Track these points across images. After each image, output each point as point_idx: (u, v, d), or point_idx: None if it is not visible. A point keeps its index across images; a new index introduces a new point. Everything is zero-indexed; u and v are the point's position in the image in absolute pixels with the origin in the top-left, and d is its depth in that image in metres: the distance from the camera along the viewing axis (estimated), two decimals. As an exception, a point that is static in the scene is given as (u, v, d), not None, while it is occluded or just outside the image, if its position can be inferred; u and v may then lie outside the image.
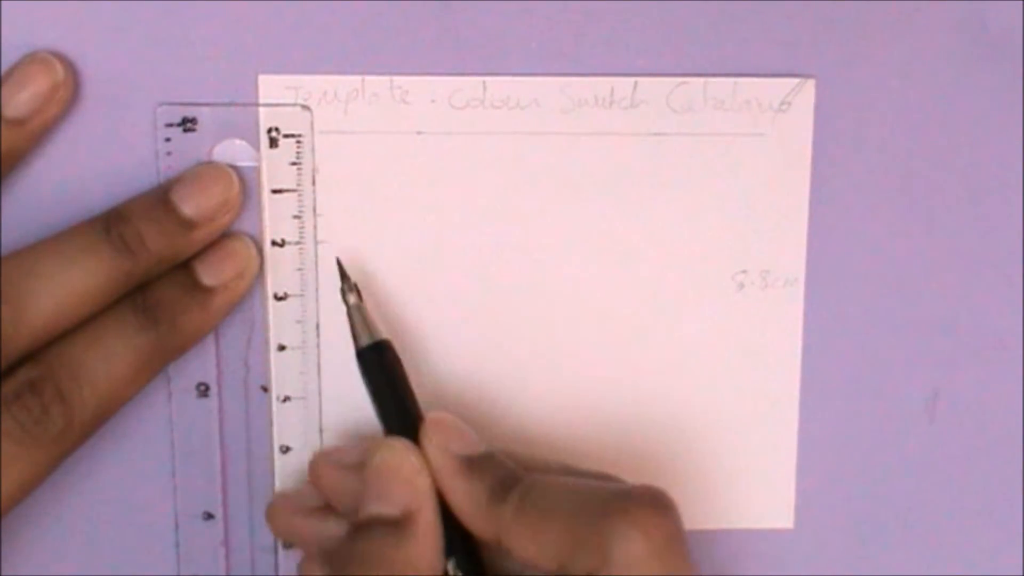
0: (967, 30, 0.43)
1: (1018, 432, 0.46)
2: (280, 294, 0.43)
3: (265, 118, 0.42)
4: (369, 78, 0.42)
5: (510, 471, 0.40)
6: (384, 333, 0.42)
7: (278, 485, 0.44)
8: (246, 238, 0.42)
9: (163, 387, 0.43)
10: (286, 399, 0.44)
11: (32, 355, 0.39)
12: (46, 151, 0.42)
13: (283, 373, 0.44)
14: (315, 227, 0.43)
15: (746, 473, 0.45)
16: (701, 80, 0.43)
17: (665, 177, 0.43)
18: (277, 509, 0.43)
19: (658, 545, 0.37)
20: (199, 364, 0.43)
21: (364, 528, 0.39)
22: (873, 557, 0.46)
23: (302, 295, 0.43)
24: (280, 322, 0.43)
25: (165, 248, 0.40)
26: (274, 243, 0.43)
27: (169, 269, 0.41)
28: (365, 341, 0.42)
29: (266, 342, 0.44)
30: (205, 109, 0.42)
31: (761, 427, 0.45)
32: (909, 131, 0.44)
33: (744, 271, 0.44)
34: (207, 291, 0.42)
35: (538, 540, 0.38)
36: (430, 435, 0.40)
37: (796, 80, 0.43)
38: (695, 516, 0.45)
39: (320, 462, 0.42)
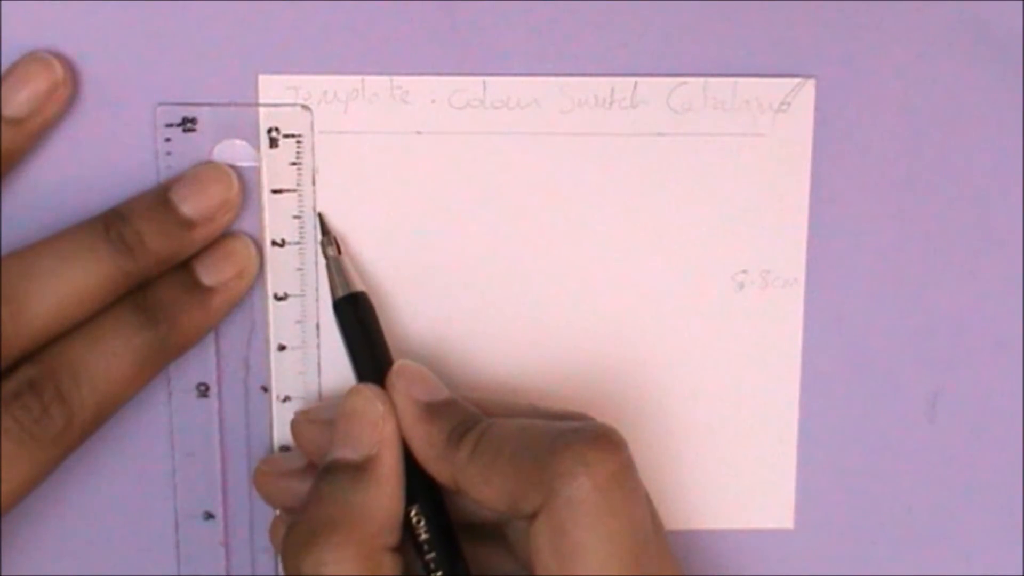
0: (967, 30, 0.43)
1: (1018, 432, 0.46)
2: (280, 294, 0.43)
3: (265, 118, 0.42)
4: (369, 78, 0.42)
5: (469, 415, 0.40)
6: (360, 285, 0.42)
7: (278, 485, 0.44)
8: (246, 238, 0.42)
9: (163, 387, 0.43)
10: (286, 399, 0.44)
11: (32, 355, 0.39)
12: (46, 151, 0.42)
13: (283, 373, 0.44)
14: (315, 227, 0.43)
15: (746, 473, 0.45)
16: (701, 80, 0.43)
17: (665, 177, 0.43)
18: (263, 473, 0.43)
19: (602, 481, 0.36)
20: (199, 364, 0.43)
21: (327, 471, 0.39)
22: (873, 557, 0.46)
23: (302, 295, 0.43)
24: (280, 322, 0.43)
25: (165, 248, 0.40)
26: (274, 243, 0.43)
27: (169, 269, 0.41)
28: (341, 292, 0.42)
29: (266, 342, 0.44)
30: (205, 109, 0.42)
31: (761, 427, 0.45)
32: (909, 131, 0.44)
33: (744, 271, 0.44)
34: (207, 291, 0.42)
35: (489, 481, 0.38)
36: (394, 381, 0.40)
37: (796, 80, 0.43)
38: (695, 516, 0.45)
39: (299, 419, 0.42)
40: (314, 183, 0.43)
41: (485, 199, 0.43)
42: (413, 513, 0.40)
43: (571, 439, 0.37)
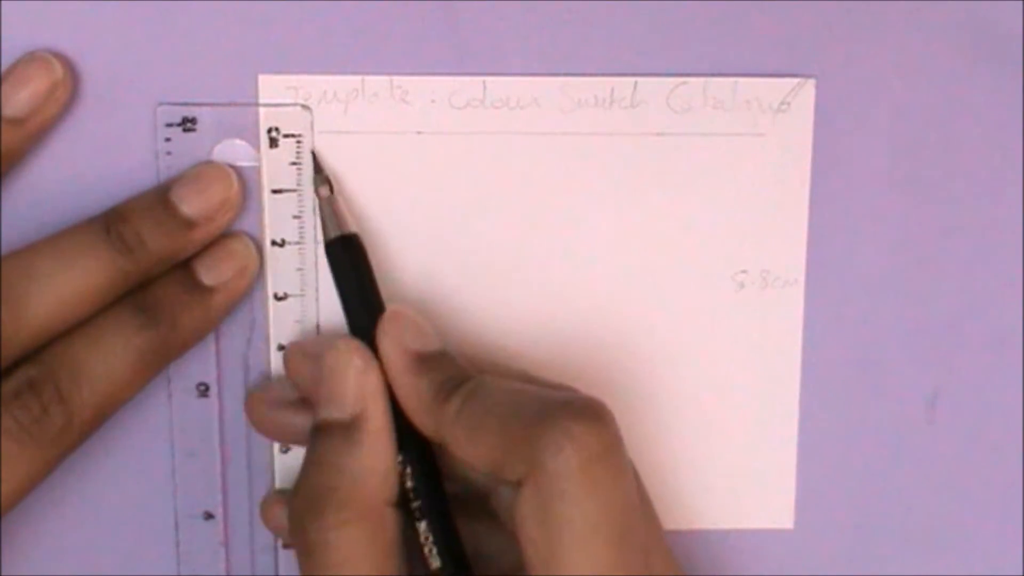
0: (967, 30, 0.43)
1: (1018, 432, 0.46)
2: (280, 294, 0.43)
3: (265, 118, 0.42)
4: (369, 78, 0.42)
5: (459, 370, 0.39)
6: (354, 227, 0.42)
7: (278, 485, 0.44)
8: (246, 238, 0.42)
9: (163, 387, 0.43)
10: (286, 399, 0.44)
11: (32, 355, 0.39)
12: (46, 151, 0.42)
13: (283, 373, 0.44)
14: (315, 227, 0.43)
15: (746, 473, 0.45)
16: (701, 80, 0.43)
17: (665, 177, 0.43)
18: (254, 401, 0.43)
19: (587, 457, 0.36)
20: (199, 364, 0.43)
21: (317, 432, 0.39)
22: (873, 557, 0.46)
23: (302, 295, 0.43)
24: (280, 322, 0.43)
25: (165, 248, 0.40)
26: (274, 243, 0.43)
27: (169, 269, 0.41)
28: (333, 234, 0.41)
29: (266, 342, 0.44)
30: (205, 109, 0.42)
31: (761, 427, 0.45)
32: (909, 131, 0.44)
33: (744, 271, 0.44)
34: (207, 291, 0.42)
35: (475, 441, 0.38)
36: (386, 328, 0.40)
37: (796, 80, 0.43)
38: (695, 516, 0.45)
39: (293, 352, 0.42)
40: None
41: (485, 199, 0.43)
42: (399, 461, 0.39)
43: (560, 410, 0.37)
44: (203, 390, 0.44)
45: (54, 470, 0.40)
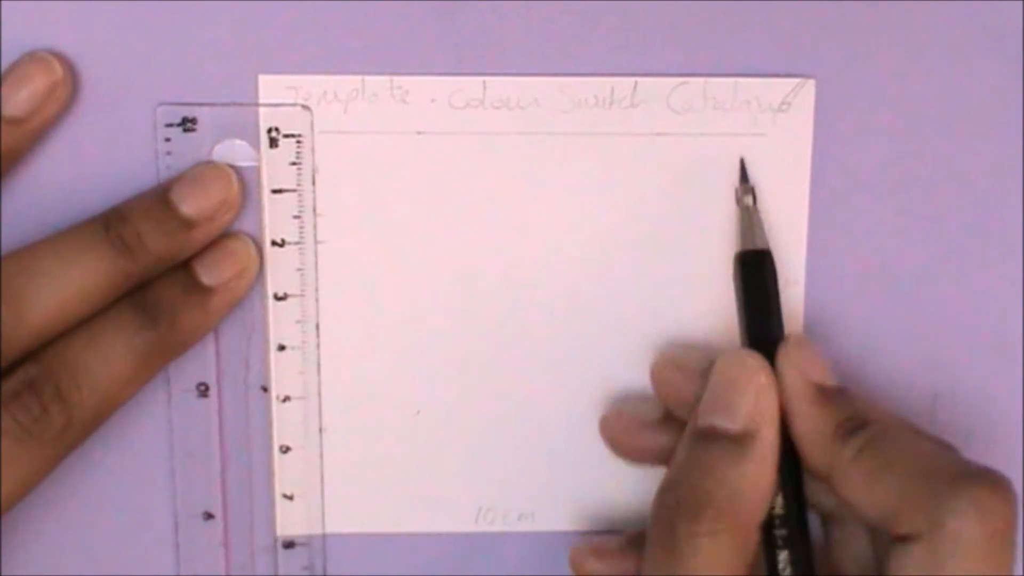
0: (967, 30, 0.43)
1: (1018, 432, 0.46)
2: (280, 294, 0.43)
3: (265, 118, 0.42)
4: (369, 78, 0.42)
5: (860, 411, 0.39)
6: (768, 244, 0.42)
7: (278, 485, 0.44)
8: (246, 238, 0.42)
9: (163, 387, 0.43)
10: (286, 399, 0.44)
11: (31, 354, 0.39)
12: (46, 151, 0.42)
13: (283, 373, 0.44)
14: (315, 227, 0.43)
15: (746, 473, 0.45)
16: (701, 80, 0.43)
17: (665, 177, 0.43)
18: (612, 423, 0.43)
19: (991, 531, 0.36)
20: (199, 364, 0.43)
21: (702, 438, 0.39)
22: (873, 557, 0.46)
23: (302, 295, 0.43)
24: (280, 322, 0.43)
25: (164, 248, 0.40)
26: (274, 243, 0.43)
27: (169, 269, 0.41)
28: (749, 245, 0.42)
29: (266, 342, 0.44)
30: (205, 109, 0.42)
31: (761, 427, 0.45)
32: (909, 131, 0.44)
33: (744, 271, 0.44)
34: (207, 291, 0.42)
35: (871, 488, 0.38)
36: (791, 354, 0.40)
37: (796, 80, 0.43)
38: (695, 516, 0.45)
39: (663, 364, 0.42)
40: (314, 183, 0.43)
41: (485, 199, 0.43)
42: (779, 501, 0.39)
43: (973, 478, 0.37)
44: (203, 390, 0.44)
45: (54, 470, 0.40)
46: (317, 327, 0.44)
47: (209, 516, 0.44)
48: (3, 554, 0.44)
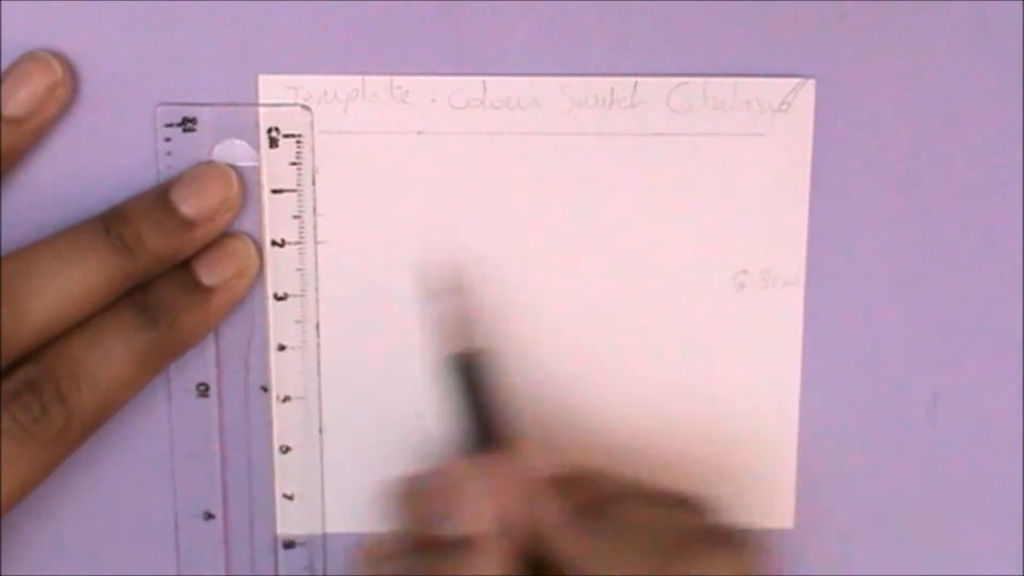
0: (967, 30, 0.43)
1: (1018, 432, 0.46)
2: (280, 294, 0.43)
3: (265, 118, 0.42)
4: (369, 78, 0.42)
5: (593, 494, 0.40)
6: (481, 341, 0.42)
7: (278, 485, 0.44)
8: (246, 238, 0.42)
9: (163, 387, 0.43)
10: (286, 399, 0.44)
11: (31, 354, 0.39)
12: (46, 151, 0.42)
13: (283, 373, 0.44)
14: (315, 227, 0.43)
15: (746, 473, 0.45)
16: (701, 80, 0.43)
17: (665, 177, 0.43)
18: (367, 558, 0.42)
19: None
20: (199, 364, 0.43)
21: (426, 548, 0.39)
22: (873, 557, 0.46)
23: (302, 295, 0.43)
24: (280, 322, 0.43)
25: (164, 248, 0.40)
26: (274, 243, 0.43)
27: (169, 269, 0.41)
28: (461, 347, 0.42)
29: (266, 342, 0.44)
30: (205, 109, 0.42)
31: (761, 427, 0.45)
32: (909, 131, 0.44)
33: (744, 271, 0.44)
34: (207, 291, 0.42)
35: (612, 566, 0.38)
36: (513, 452, 0.40)
37: (796, 80, 0.43)
38: (695, 516, 0.45)
39: (401, 490, 0.41)
40: (314, 183, 0.43)
41: (485, 199, 0.43)
42: None
43: (705, 541, 0.38)
44: (203, 390, 0.44)
45: (54, 470, 0.40)
46: (317, 327, 0.44)
47: (209, 516, 0.44)
48: (3, 554, 0.44)
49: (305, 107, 0.42)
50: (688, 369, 0.45)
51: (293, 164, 0.43)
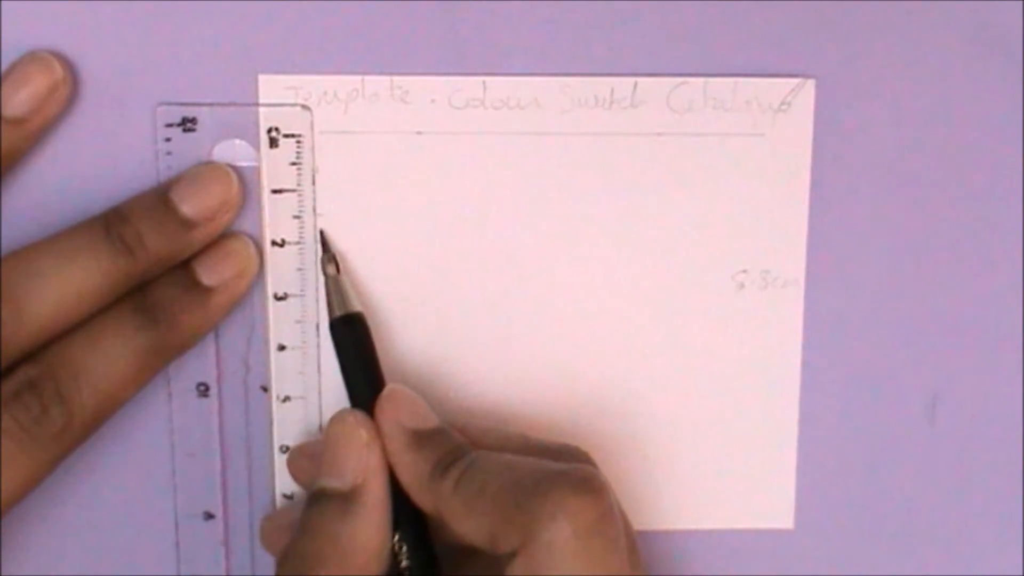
0: (967, 30, 0.43)
1: (1018, 433, 0.46)
2: (280, 294, 0.43)
3: (265, 118, 0.42)
4: (369, 78, 0.42)
5: (456, 446, 0.40)
6: (358, 306, 0.42)
7: (278, 485, 0.44)
8: (246, 238, 0.42)
9: (163, 387, 0.43)
10: (286, 399, 0.44)
11: (32, 354, 0.39)
12: (46, 151, 0.42)
13: (283, 373, 0.44)
14: (315, 227, 0.43)
15: (746, 473, 0.45)
16: (701, 80, 0.43)
17: (665, 177, 0.43)
18: (266, 528, 0.43)
19: (581, 527, 0.36)
20: (199, 364, 0.43)
21: (314, 500, 0.40)
22: (873, 557, 0.46)
23: (302, 295, 0.43)
24: (280, 322, 0.43)
25: (164, 248, 0.40)
26: (274, 243, 0.43)
27: (169, 269, 0.41)
28: (338, 312, 0.42)
29: (266, 342, 0.44)
30: (205, 109, 0.42)
31: (761, 427, 0.45)
32: (909, 131, 0.44)
33: (744, 271, 0.44)
34: (207, 291, 0.42)
35: (471, 515, 0.38)
36: (383, 407, 0.41)
37: (796, 80, 0.43)
38: (695, 516, 0.45)
39: (294, 454, 0.43)
40: (314, 183, 0.43)
41: (485, 199, 0.43)
42: (396, 539, 0.40)
43: (553, 483, 0.37)
44: (203, 390, 0.44)
45: (54, 470, 0.40)
46: (317, 327, 0.44)
47: (209, 516, 0.44)
48: (3, 554, 0.44)
49: (305, 107, 0.42)
50: (688, 369, 0.45)
51: (293, 164, 0.43)
